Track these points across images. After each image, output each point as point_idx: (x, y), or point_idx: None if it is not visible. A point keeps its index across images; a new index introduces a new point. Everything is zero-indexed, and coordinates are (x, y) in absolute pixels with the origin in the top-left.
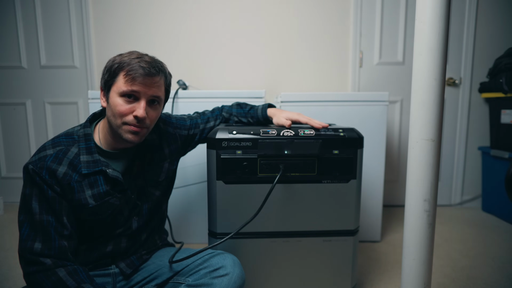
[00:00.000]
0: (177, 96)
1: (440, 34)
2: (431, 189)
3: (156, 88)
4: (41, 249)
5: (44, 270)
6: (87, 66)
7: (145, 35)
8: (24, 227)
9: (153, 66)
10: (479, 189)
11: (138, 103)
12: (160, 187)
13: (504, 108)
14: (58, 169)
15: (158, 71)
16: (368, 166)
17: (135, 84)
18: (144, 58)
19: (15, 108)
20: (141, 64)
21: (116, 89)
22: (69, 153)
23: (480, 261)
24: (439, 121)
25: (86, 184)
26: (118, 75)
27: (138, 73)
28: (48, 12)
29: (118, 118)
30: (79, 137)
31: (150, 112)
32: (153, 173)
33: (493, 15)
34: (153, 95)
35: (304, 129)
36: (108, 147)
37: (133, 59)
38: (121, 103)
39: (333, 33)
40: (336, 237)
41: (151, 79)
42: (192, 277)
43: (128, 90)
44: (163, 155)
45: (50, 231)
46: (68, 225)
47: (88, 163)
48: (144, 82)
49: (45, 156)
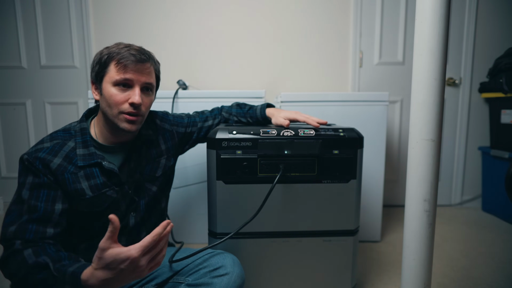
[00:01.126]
0: (177, 96)
1: (440, 34)
2: (431, 189)
3: (147, 74)
4: (14, 233)
5: (13, 252)
6: (87, 66)
7: (145, 35)
8: (9, 216)
9: (142, 53)
10: (479, 189)
11: (133, 90)
12: (156, 183)
13: (504, 108)
14: (52, 160)
15: (148, 58)
16: (368, 166)
17: (128, 72)
18: (132, 47)
19: (15, 108)
20: (131, 51)
21: (108, 79)
22: (66, 147)
23: (480, 261)
24: (439, 121)
25: (82, 175)
26: (109, 65)
27: (130, 60)
28: (48, 12)
29: (114, 107)
30: (75, 131)
31: (145, 99)
32: (150, 168)
33: (493, 15)
34: (146, 82)
35: (304, 129)
36: (104, 141)
37: (121, 48)
38: (115, 92)
39: (333, 33)
40: (336, 237)
41: (143, 65)
42: (192, 276)
43: (121, 79)
44: (160, 151)
45: (32, 216)
46: (56, 212)
47: (84, 156)
48: (136, 69)
49: (42, 148)
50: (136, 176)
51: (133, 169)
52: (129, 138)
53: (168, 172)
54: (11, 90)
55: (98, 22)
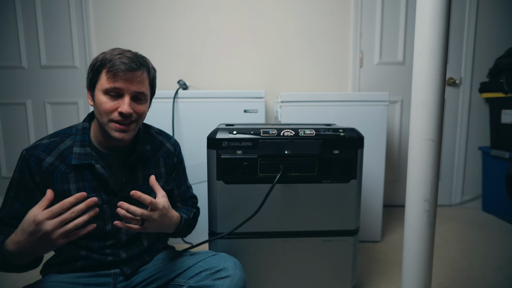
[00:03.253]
0: (177, 96)
1: (440, 34)
2: (431, 189)
3: (138, 83)
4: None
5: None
6: (87, 66)
7: (145, 35)
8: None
9: (134, 61)
10: (479, 189)
11: (122, 100)
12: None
13: (504, 108)
14: (45, 159)
15: (139, 66)
16: (368, 166)
17: (117, 81)
18: (125, 54)
19: (15, 108)
20: (122, 59)
21: (99, 87)
22: (62, 145)
23: (480, 261)
24: (439, 121)
25: (72, 177)
26: (101, 72)
27: (119, 68)
28: (48, 12)
29: (104, 115)
30: (77, 130)
31: (137, 107)
32: (146, 189)
33: (493, 15)
34: (136, 91)
35: (304, 129)
36: (98, 146)
37: (114, 56)
38: (105, 100)
39: (333, 33)
40: (336, 237)
41: (133, 74)
42: (193, 279)
43: (111, 87)
44: (158, 173)
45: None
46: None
47: (79, 155)
48: (126, 78)
49: (39, 144)
50: (127, 192)
51: (125, 184)
52: (121, 146)
53: None
54: (11, 90)
55: (98, 22)
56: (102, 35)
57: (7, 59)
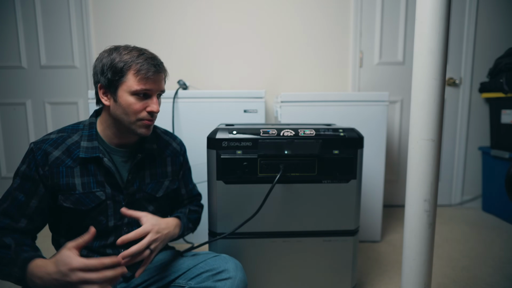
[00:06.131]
0: (177, 96)
1: (440, 34)
2: (431, 189)
3: (161, 82)
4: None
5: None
6: (87, 66)
7: (145, 35)
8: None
9: (158, 63)
10: (479, 189)
11: (151, 100)
12: (155, 203)
13: (504, 108)
14: (52, 153)
15: (162, 67)
16: (368, 166)
17: (148, 83)
18: (147, 55)
19: (15, 108)
20: (149, 61)
21: (126, 88)
22: (69, 140)
23: (480, 261)
24: (439, 121)
25: (77, 171)
26: (127, 74)
27: (151, 71)
28: (48, 12)
29: (132, 115)
30: (84, 126)
31: (158, 103)
32: (152, 187)
33: (493, 15)
34: (161, 90)
35: (304, 129)
36: (106, 141)
37: (138, 57)
38: (134, 101)
39: (333, 33)
40: (336, 237)
41: (160, 75)
42: (194, 280)
43: (142, 89)
44: (165, 172)
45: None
46: (33, 209)
47: (87, 149)
48: (154, 79)
49: (48, 139)
50: (132, 189)
51: (131, 181)
52: (130, 142)
53: (171, 195)
54: (11, 90)
55: (98, 22)
56: (102, 35)
57: (6, 59)
